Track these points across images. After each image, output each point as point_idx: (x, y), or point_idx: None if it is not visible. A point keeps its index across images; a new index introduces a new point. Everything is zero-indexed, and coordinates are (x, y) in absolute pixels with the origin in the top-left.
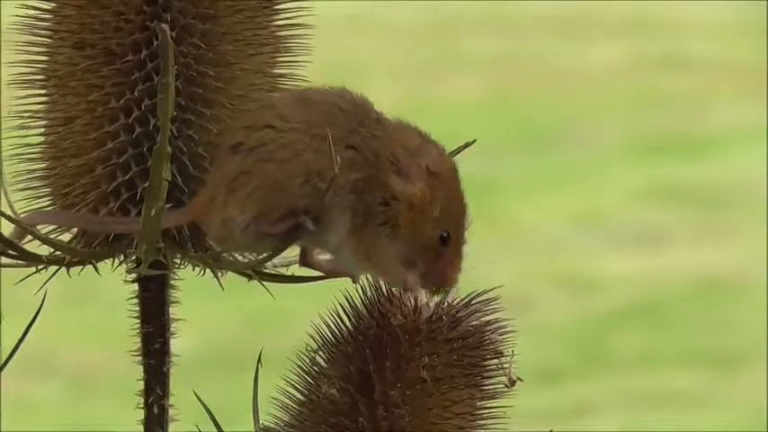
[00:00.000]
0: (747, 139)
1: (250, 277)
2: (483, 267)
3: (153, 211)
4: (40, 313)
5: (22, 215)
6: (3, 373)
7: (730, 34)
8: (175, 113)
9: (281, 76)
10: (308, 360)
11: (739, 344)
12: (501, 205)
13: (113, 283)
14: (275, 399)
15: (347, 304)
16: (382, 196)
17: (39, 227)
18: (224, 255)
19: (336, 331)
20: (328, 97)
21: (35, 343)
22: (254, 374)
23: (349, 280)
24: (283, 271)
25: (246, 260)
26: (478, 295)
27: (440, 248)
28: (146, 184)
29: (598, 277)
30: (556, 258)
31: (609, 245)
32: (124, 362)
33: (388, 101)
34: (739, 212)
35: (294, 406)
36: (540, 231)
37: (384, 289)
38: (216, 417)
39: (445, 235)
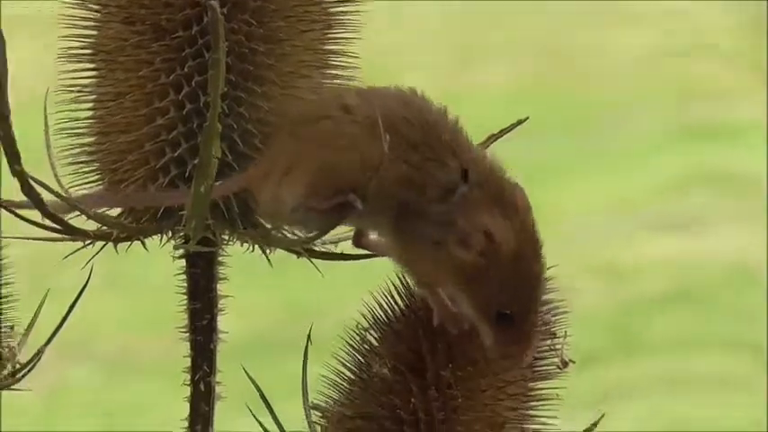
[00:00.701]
0: None
1: (299, 254)
2: None
3: (202, 189)
4: (84, 292)
5: (69, 190)
6: (42, 355)
7: (751, 25)
8: (226, 90)
9: (332, 52)
10: (358, 339)
11: None
12: (538, 191)
13: (152, 268)
14: (324, 377)
15: (399, 283)
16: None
17: None
18: (273, 232)
19: (388, 310)
20: (395, 102)
21: (74, 326)
22: (296, 356)
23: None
24: (332, 248)
25: (295, 237)
26: None
27: (498, 325)
28: (195, 161)
29: (634, 263)
30: (592, 244)
31: (645, 230)
32: (162, 346)
33: (426, 86)
34: None
35: (344, 384)
36: (577, 217)
37: None
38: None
39: (506, 313)
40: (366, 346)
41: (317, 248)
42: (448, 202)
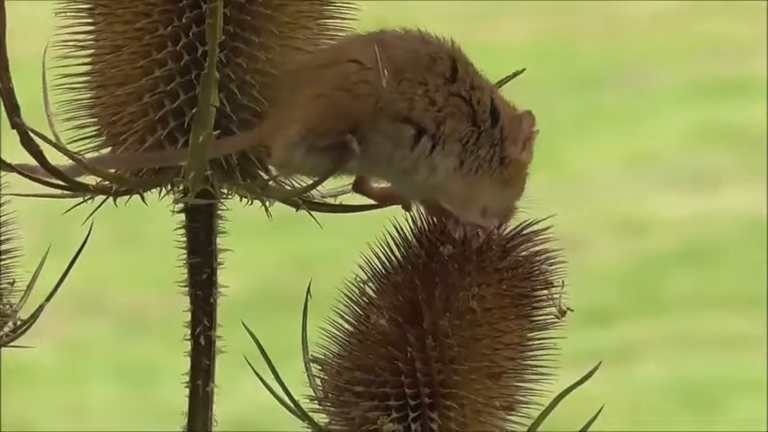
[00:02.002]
0: None
1: (298, 206)
2: (538, 208)
3: (200, 139)
4: (84, 249)
5: (68, 145)
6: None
7: None
8: (224, 40)
9: (328, 2)
10: (357, 291)
11: None
12: (555, 147)
13: (160, 226)
14: (324, 329)
15: (396, 234)
16: (500, 156)
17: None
18: (271, 183)
19: (386, 261)
20: (416, 43)
21: (85, 283)
22: (300, 310)
23: (398, 210)
24: (331, 201)
25: (293, 189)
26: (528, 226)
27: None
28: (193, 111)
29: (650, 219)
30: (608, 200)
31: (662, 187)
32: (170, 302)
33: None
34: None
35: (343, 337)
36: (594, 173)
37: (434, 220)
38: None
39: None
40: (364, 299)
41: (316, 200)
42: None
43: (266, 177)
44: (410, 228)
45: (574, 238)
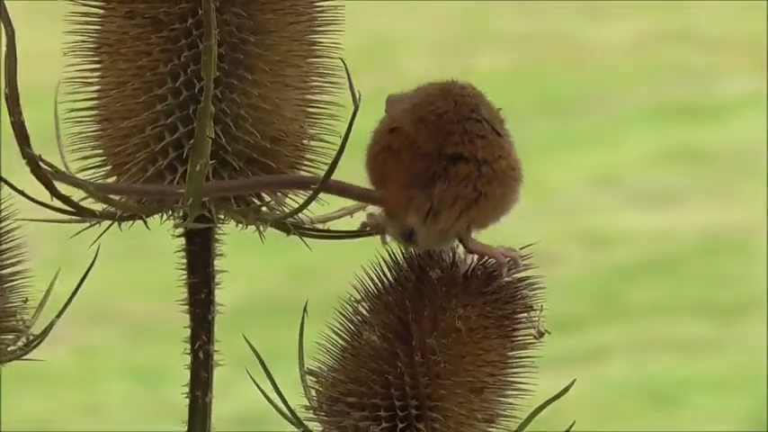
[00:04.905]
0: (752, 107)
1: (289, 231)
2: (511, 224)
3: (198, 168)
4: (93, 266)
5: (76, 174)
6: (64, 321)
7: (737, 11)
8: (219, 77)
9: (317, 43)
10: (350, 309)
11: (741, 295)
12: (529, 168)
13: (161, 240)
14: (319, 344)
15: (389, 258)
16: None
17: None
18: (263, 209)
19: (378, 282)
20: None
21: (92, 295)
22: (291, 324)
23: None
24: (320, 226)
25: (284, 213)
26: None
27: None
28: (191, 143)
29: (615, 233)
30: (576, 216)
31: (625, 203)
32: (174, 310)
33: (413, 71)
34: (745, 174)
35: (336, 351)
36: (563, 191)
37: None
38: (258, 362)
39: None
40: (358, 317)
41: (306, 226)
42: None
43: (258, 203)
44: (401, 252)
45: (544, 252)
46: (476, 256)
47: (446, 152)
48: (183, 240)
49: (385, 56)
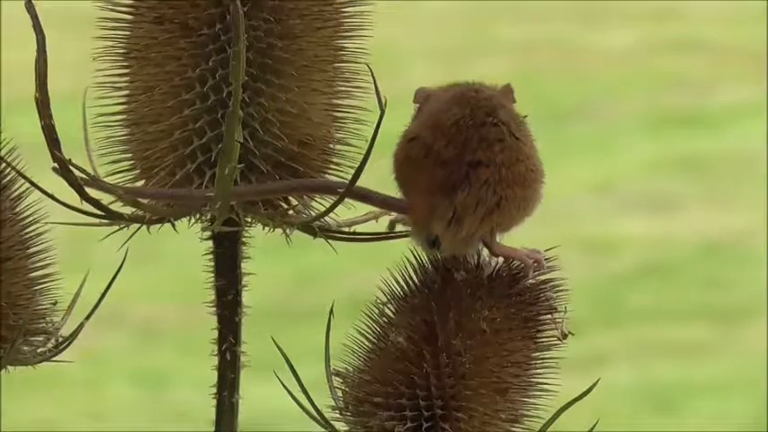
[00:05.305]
0: (750, 115)
1: (315, 234)
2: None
3: (226, 171)
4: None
5: (105, 177)
6: (72, 324)
7: (736, 20)
8: (247, 81)
9: (343, 48)
10: (377, 311)
11: (741, 300)
12: None
13: (174, 245)
14: (346, 345)
15: (414, 261)
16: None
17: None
18: (290, 213)
19: (404, 284)
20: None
21: (105, 299)
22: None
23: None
24: (346, 229)
25: (311, 217)
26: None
27: None
28: (219, 147)
29: (614, 239)
30: (575, 222)
31: (623, 210)
32: (182, 315)
33: (417, 80)
34: (742, 181)
35: (363, 352)
36: (562, 197)
37: None
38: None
39: None
40: (384, 319)
41: (332, 229)
42: None
43: (285, 207)
44: (427, 254)
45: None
46: (500, 259)
47: (465, 158)
48: (210, 243)
49: (387, 64)
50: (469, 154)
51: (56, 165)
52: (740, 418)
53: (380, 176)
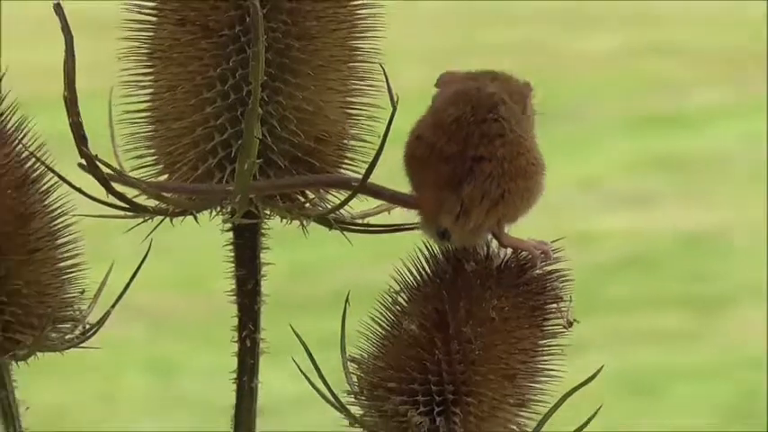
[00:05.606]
0: (724, 116)
1: (331, 226)
2: None
3: (245, 166)
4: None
5: (130, 172)
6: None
7: (714, 25)
8: (265, 80)
9: (357, 48)
10: (390, 300)
11: (718, 290)
12: None
13: (181, 239)
14: (360, 332)
15: (426, 251)
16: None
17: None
18: (307, 205)
19: (416, 274)
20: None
21: (118, 289)
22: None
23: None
24: (360, 221)
25: (327, 209)
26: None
27: None
28: (239, 143)
29: (595, 233)
30: (559, 217)
31: (605, 206)
32: (191, 305)
33: (413, 81)
34: (716, 178)
35: (376, 339)
36: (548, 194)
37: None
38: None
39: None
40: (397, 307)
41: (347, 221)
42: None
43: (302, 200)
44: (439, 246)
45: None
46: (508, 250)
47: (468, 153)
48: (230, 235)
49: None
50: (472, 149)
51: (82, 161)
52: (717, 403)
53: (389, 169)
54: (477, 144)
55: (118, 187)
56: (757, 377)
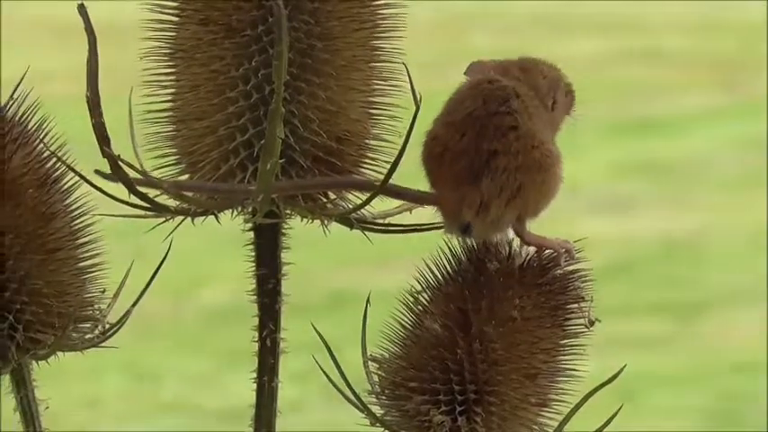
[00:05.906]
0: (705, 122)
1: (352, 226)
2: None
3: (268, 166)
4: (165, 262)
5: (152, 172)
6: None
7: (694, 32)
8: (288, 80)
9: (379, 48)
10: (412, 300)
11: (697, 296)
12: None
13: (166, 243)
14: (382, 332)
15: (448, 251)
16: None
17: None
18: (328, 206)
19: (438, 274)
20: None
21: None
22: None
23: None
24: (381, 221)
25: (347, 209)
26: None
27: None
28: (261, 143)
29: (576, 238)
30: (542, 221)
31: (587, 211)
32: (175, 311)
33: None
34: (698, 184)
35: (398, 339)
36: None
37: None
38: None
39: None
40: (419, 307)
41: (368, 221)
42: None
43: (324, 200)
44: (460, 245)
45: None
46: (531, 249)
47: (483, 147)
48: (251, 235)
49: None
50: (487, 143)
51: (98, 169)
52: (694, 407)
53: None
54: (491, 138)
55: (139, 188)
56: (735, 382)
